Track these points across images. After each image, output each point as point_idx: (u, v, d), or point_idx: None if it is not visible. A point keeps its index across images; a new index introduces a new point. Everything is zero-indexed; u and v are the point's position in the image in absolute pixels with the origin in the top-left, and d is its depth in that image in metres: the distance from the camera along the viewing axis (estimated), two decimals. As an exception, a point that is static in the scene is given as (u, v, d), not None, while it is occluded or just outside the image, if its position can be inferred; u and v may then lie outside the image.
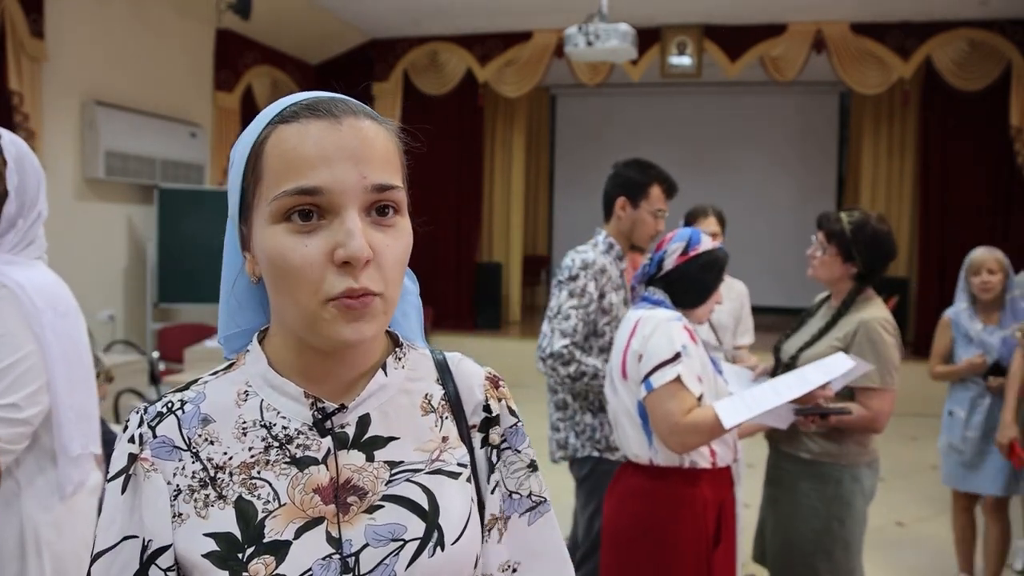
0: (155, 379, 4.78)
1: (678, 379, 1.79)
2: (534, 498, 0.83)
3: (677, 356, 1.81)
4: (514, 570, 0.82)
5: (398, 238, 0.70)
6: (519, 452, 0.83)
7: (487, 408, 0.82)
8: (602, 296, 2.35)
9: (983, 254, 3.08)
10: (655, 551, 1.86)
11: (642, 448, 1.89)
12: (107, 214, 5.48)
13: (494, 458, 0.82)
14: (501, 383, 0.85)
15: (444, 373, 0.82)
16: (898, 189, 7.70)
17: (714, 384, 1.91)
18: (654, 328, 1.85)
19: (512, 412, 0.84)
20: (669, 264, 1.96)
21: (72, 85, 5.03)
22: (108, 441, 1.76)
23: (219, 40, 6.43)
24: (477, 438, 0.81)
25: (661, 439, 1.84)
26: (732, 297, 3.02)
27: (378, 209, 0.69)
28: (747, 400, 1.80)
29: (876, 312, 2.13)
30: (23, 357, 1.40)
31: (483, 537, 0.81)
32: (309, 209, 0.66)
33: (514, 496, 0.83)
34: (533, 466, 0.84)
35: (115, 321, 5.53)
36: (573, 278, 2.34)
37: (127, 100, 5.44)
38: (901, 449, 5.46)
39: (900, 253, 7.43)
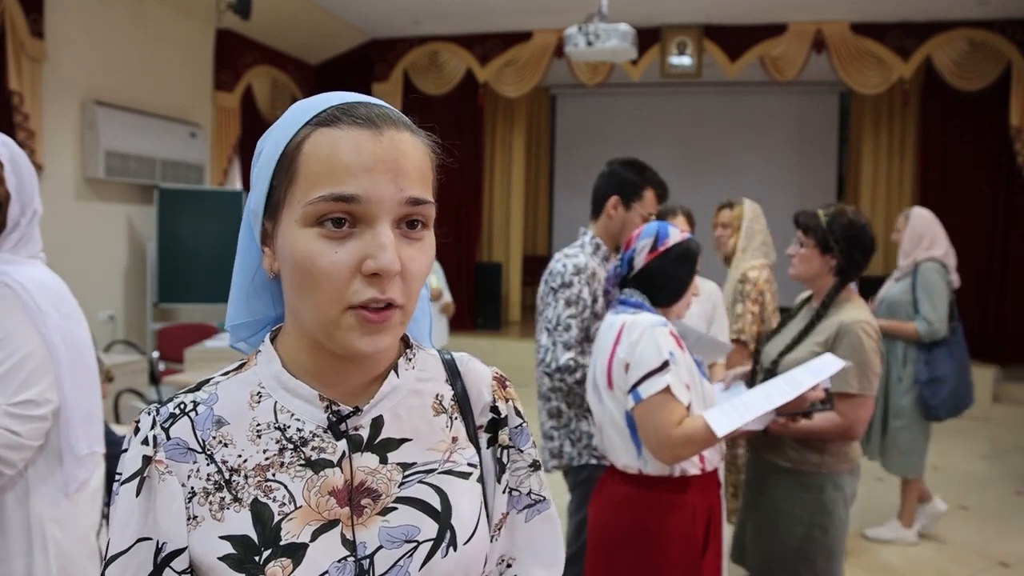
0: (155, 379, 4.78)
1: (667, 389, 1.73)
2: (533, 496, 0.85)
3: (665, 365, 1.74)
4: (508, 564, 0.85)
5: (424, 251, 0.71)
6: (522, 452, 0.85)
7: (495, 409, 0.84)
8: (595, 301, 2.31)
9: None
10: (644, 559, 1.81)
11: (630, 458, 1.83)
12: (107, 214, 5.47)
13: (504, 458, 0.83)
14: (508, 384, 0.87)
15: (453, 374, 0.83)
16: (898, 189, 7.70)
17: (701, 390, 1.85)
18: (640, 335, 1.77)
19: (518, 413, 0.86)
20: (640, 262, 1.89)
21: (72, 85, 5.03)
22: (109, 442, 1.77)
23: (219, 40, 6.43)
24: (483, 438, 0.83)
25: (651, 451, 1.78)
26: (702, 299, 2.87)
27: (408, 222, 0.69)
28: (738, 407, 1.75)
29: (856, 314, 2.06)
30: (30, 354, 1.41)
31: (492, 536, 0.82)
32: (342, 216, 0.66)
33: (514, 493, 0.85)
34: (535, 466, 0.86)
35: (115, 321, 5.53)
36: (567, 285, 2.29)
37: (127, 100, 5.44)
38: (901, 449, 5.44)
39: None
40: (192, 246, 5.63)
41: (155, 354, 5.07)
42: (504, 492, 0.83)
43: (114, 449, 1.53)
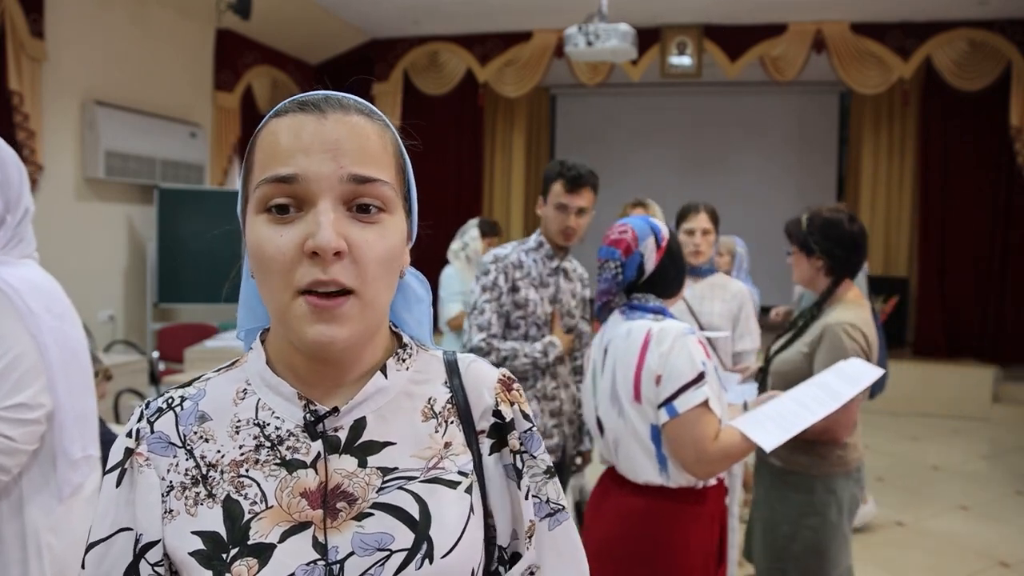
0: (155, 379, 4.78)
1: (705, 403, 1.66)
2: (552, 505, 0.82)
3: (701, 376, 1.67)
4: (532, 573, 0.80)
5: (383, 236, 0.68)
6: (535, 457, 0.81)
7: (498, 413, 0.79)
8: (515, 290, 2.38)
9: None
10: (663, 571, 1.75)
11: (652, 474, 1.76)
12: (107, 214, 5.47)
13: (519, 463, 0.79)
14: (514, 387, 0.82)
15: (453, 375, 0.80)
16: (898, 189, 7.70)
17: (723, 400, 1.79)
18: (671, 345, 1.69)
19: (526, 417, 0.81)
20: (652, 264, 1.83)
21: (72, 85, 5.03)
22: (107, 442, 1.75)
23: (219, 40, 6.43)
24: (485, 444, 0.78)
25: (685, 467, 1.70)
26: (727, 298, 2.81)
27: (360, 207, 0.67)
28: (777, 420, 1.69)
29: (843, 315, 2.03)
30: (20, 356, 1.38)
31: (525, 546, 0.78)
32: (286, 200, 0.66)
33: (535, 500, 0.81)
34: (549, 472, 0.82)
35: (115, 321, 5.53)
36: (485, 273, 2.40)
37: (127, 100, 5.44)
38: (901, 449, 5.46)
39: (900, 253, 7.46)
40: (192, 246, 5.62)
41: (155, 354, 5.07)
42: (527, 499, 0.78)
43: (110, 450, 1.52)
